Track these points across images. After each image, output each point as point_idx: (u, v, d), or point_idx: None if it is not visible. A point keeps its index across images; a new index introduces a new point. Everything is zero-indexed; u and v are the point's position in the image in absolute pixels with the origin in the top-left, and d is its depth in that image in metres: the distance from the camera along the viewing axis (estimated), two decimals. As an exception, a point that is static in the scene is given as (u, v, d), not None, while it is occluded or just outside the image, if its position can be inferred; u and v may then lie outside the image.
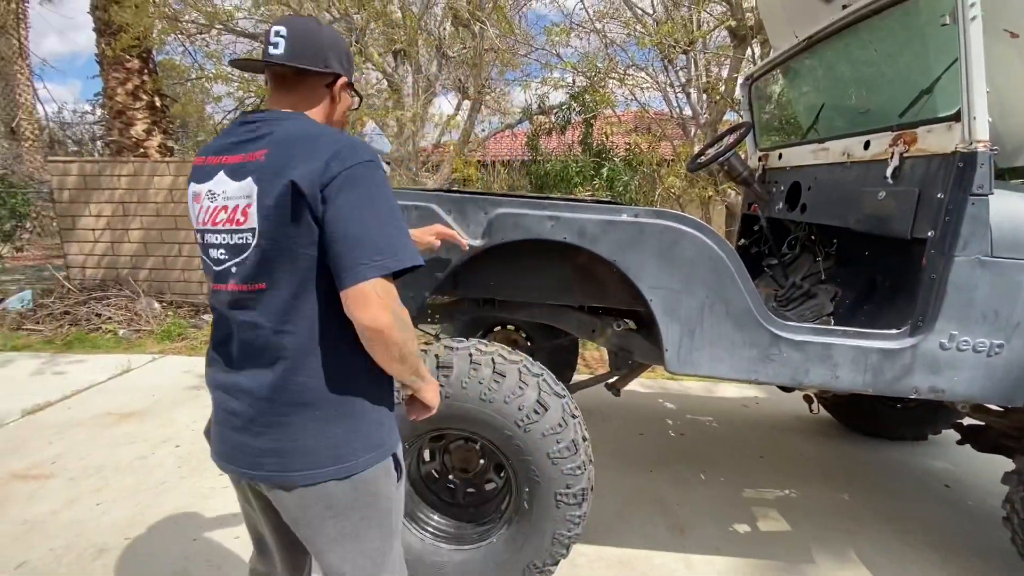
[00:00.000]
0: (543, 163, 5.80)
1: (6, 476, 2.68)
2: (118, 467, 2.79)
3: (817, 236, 2.56)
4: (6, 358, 4.61)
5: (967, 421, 2.30)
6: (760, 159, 2.96)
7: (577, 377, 3.39)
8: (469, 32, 6.31)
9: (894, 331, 1.64)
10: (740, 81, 3.07)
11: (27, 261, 9.27)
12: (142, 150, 6.80)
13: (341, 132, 1.07)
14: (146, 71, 6.80)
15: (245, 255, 0.99)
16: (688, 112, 6.94)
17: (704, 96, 6.95)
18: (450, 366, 1.66)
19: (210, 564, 2.07)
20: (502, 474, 1.88)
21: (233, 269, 1.01)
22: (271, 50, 1.05)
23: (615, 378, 2.37)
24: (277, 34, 1.05)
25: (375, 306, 0.94)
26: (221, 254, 1.02)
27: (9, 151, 12.36)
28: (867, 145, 1.90)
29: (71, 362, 4.51)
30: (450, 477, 1.95)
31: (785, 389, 2.34)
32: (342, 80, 1.13)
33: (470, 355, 1.70)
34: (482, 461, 1.91)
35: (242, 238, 0.99)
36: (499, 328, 3.22)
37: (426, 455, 1.96)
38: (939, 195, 1.54)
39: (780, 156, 2.70)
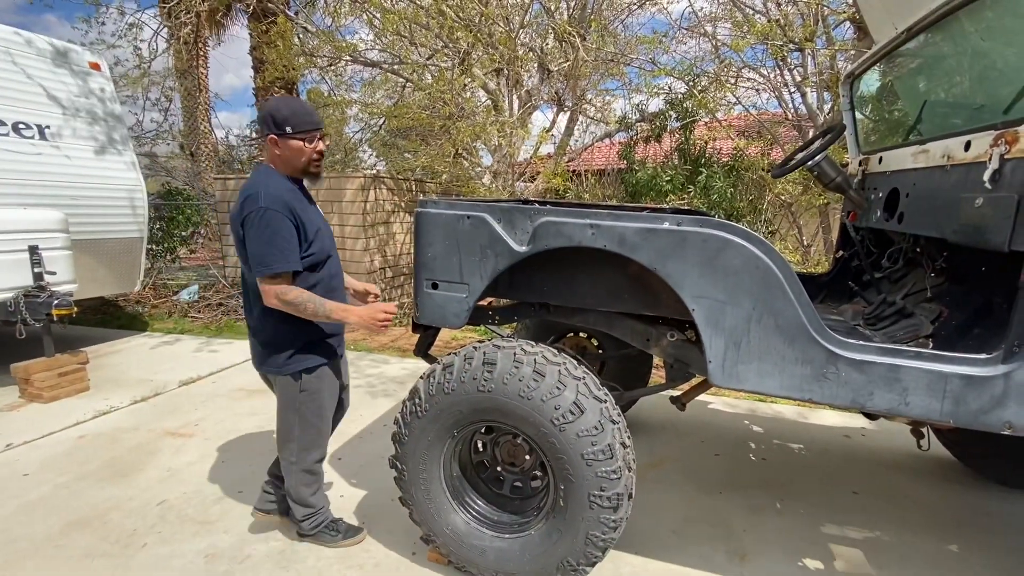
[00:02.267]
0: (635, 172, 5.72)
1: (161, 432, 3.33)
2: (241, 433, 3.32)
3: (924, 248, 2.28)
4: (175, 338, 5.66)
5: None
6: (860, 163, 2.69)
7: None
8: (569, 45, 6.45)
9: (982, 356, 1.44)
10: (841, 79, 2.82)
11: (199, 261, 11.21)
12: (284, 167, 7.91)
13: (261, 179, 1.84)
14: (290, 99, 7.91)
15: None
16: (804, 112, 6.39)
17: (825, 94, 6.36)
18: (495, 363, 1.79)
19: (298, 522, 2.40)
20: (546, 472, 1.95)
21: None
22: None
23: (679, 392, 2.31)
24: None
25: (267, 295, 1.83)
26: None
27: (191, 170, 15.00)
28: (968, 146, 1.68)
29: (221, 345, 5.40)
30: (499, 469, 2.06)
31: (870, 417, 2.12)
32: (270, 136, 1.84)
33: (514, 354, 1.81)
34: (528, 458, 2.00)
35: None
36: (571, 334, 3.27)
37: (479, 445, 2.10)
38: (1041, 202, 1.33)
39: (880, 160, 2.45)
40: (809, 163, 2.47)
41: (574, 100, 6.36)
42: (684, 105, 5.88)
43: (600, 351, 3.23)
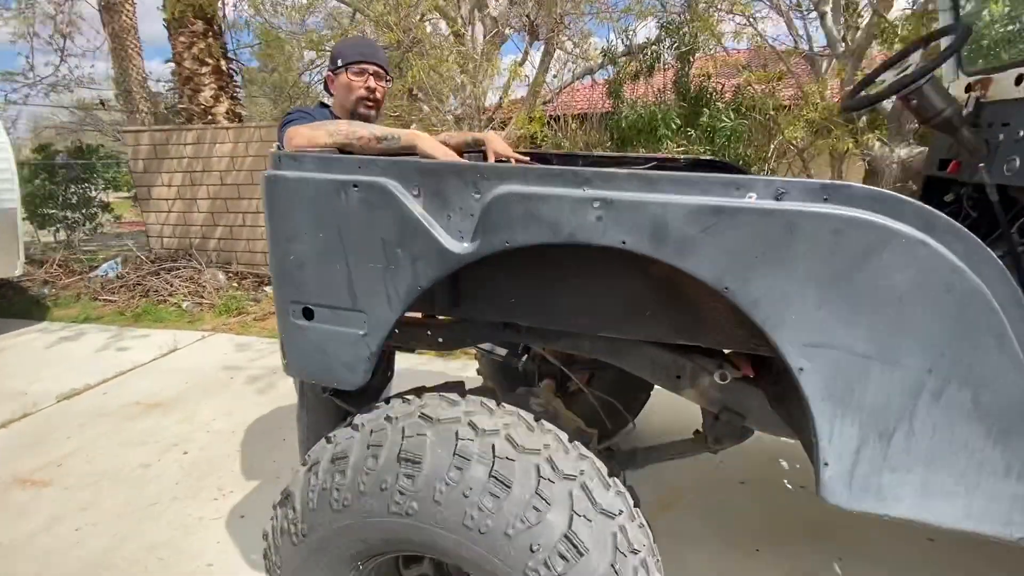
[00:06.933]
0: (624, 116, 4.78)
1: (9, 480, 2.47)
2: (118, 476, 2.49)
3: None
4: (77, 331, 4.69)
5: None
6: (969, 88, 1.86)
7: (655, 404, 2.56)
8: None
9: None
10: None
11: (140, 227, 9.95)
12: (210, 117, 6.69)
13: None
14: (211, 33, 6.60)
15: None
16: (821, 41, 5.46)
17: (842, 19, 5.42)
18: (420, 459, 0.97)
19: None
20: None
21: None
22: None
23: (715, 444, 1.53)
24: None
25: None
26: None
27: (125, 123, 13.32)
28: None
29: (131, 337, 4.47)
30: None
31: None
32: (327, 75, 1.76)
33: (455, 436, 0.99)
34: None
35: None
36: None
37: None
38: None
39: (1020, 80, 1.61)
40: (911, 87, 1.62)
41: (550, 28, 5.29)
42: (682, 31, 4.89)
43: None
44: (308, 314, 1.05)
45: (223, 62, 6.77)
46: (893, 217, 0.74)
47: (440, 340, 1.46)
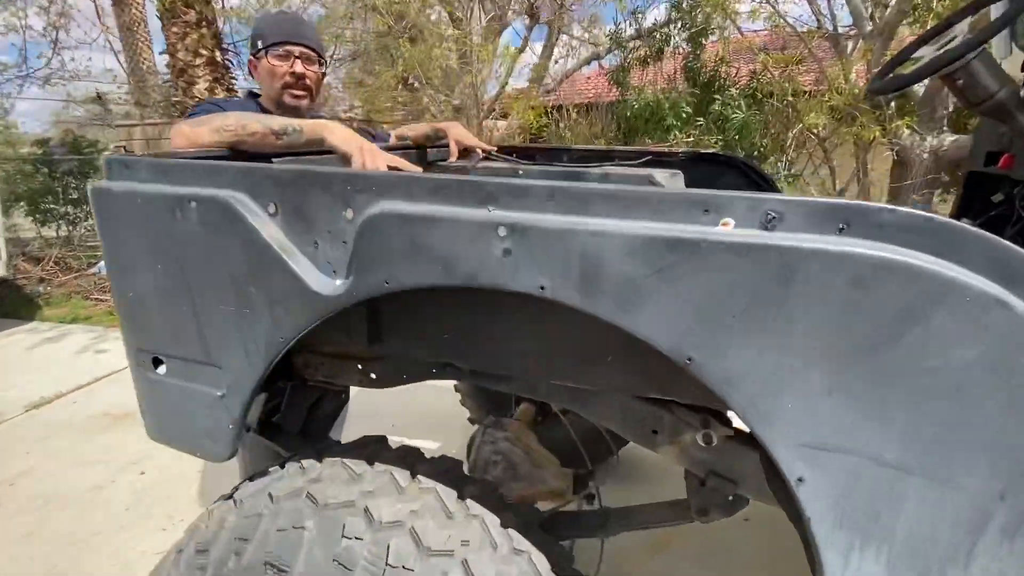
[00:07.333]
0: (631, 104, 4.45)
1: (-49, 503, 2.32)
2: (67, 500, 2.33)
3: None
4: (63, 332, 4.58)
5: None
6: (1027, 65, 1.54)
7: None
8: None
9: None
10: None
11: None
12: (205, 110, 6.51)
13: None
14: (204, 23, 6.40)
15: None
16: (846, 21, 5.05)
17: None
18: (287, 568, 0.73)
19: None
20: None
21: None
22: None
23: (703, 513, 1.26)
24: None
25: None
26: None
27: (134, 116, 13.34)
28: None
29: (114, 339, 4.33)
30: None
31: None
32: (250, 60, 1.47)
33: (341, 531, 0.75)
34: None
35: None
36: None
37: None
38: None
39: (1098, 51, 1.30)
40: (956, 64, 1.31)
41: (552, 11, 4.97)
42: (693, 12, 4.53)
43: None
44: (159, 365, 0.82)
45: (218, 53, 6.57)
46: (950, 259, 0.47)
47: (373, 377, 1.22)
